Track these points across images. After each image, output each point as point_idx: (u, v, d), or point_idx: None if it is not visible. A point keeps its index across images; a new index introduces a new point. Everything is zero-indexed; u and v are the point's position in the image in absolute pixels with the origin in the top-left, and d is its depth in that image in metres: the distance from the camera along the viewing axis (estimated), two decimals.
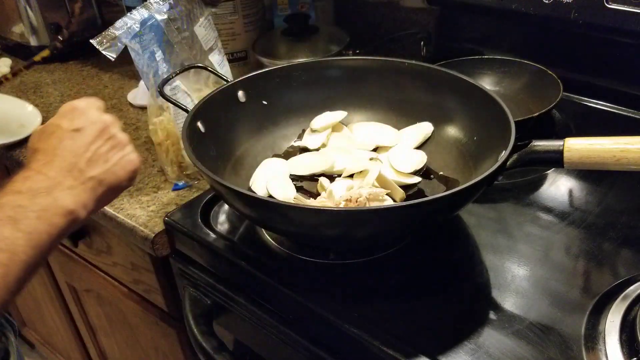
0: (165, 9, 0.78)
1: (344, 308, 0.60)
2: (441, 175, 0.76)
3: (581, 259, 0.66)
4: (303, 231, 0.65)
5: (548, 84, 0.91)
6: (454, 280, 0.65)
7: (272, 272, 0.66)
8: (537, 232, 0.70)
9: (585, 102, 0.97)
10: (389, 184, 0.71)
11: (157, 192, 0.84)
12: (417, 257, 0.68)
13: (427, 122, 0.82)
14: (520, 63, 0.97)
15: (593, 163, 0.59)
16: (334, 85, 0.85)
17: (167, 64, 0.79)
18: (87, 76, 1.25)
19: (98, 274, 1.05)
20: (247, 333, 0.74)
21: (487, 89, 0.74)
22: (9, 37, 1.37)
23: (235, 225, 0.74)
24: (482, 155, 0.71)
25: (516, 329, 0.57)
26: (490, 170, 0.59)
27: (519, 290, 0.62)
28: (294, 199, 0.72)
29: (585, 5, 0.87)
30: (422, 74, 0.81)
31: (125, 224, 0.79)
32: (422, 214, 0.61)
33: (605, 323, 0.56)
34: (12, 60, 1.33)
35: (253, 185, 0.75)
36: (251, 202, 0.62)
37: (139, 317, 1.03)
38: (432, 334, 0.58)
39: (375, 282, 0.65)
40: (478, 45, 1.06)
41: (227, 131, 0.79)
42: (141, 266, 0.90)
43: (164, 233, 0.77)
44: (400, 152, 0.78)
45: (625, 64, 0.92)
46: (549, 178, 0.80)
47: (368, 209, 0.63)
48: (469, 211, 0.73)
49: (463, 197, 0.62)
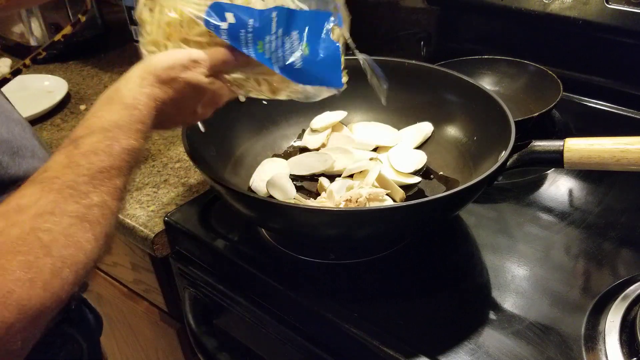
0: None
1: (344, 308, 0.60)
2: (441, 175, 0.76)
3: (581, 259, 0.66)
4: (303, 231, 0.65)
5: (548, 84, 0.91)
6: (454, 280, 0.65)
7: (272, 272, 0.66)
8: (537, 232, 0.70)
9: (585, 102, 0.97)
10: (389, 184, 0.71)
11: (157, 192, 0.84)
12: (417, 257, 0.68)
13: (427, 122, 0.82)
14: (520, 63, 0.97)
15: (593, 163, 0.59)
16: None
17: None
18: (87, 76, 1.25)
19: (98, 274, 1.05)
20: (247, 333, 0.74)
21: (487, 89, 0.74)
22: (9, 37, 1.37)
23: (235, 225, 0.74)
24: (482, 155, 0.71)
25: (516, 329, 0.57)
26: (490, 171, 0.59)
27: (519, 290, 0.62)
28: (294, 199, 0.72)
29: (585, 5, 0.87)
30: (422, 74, 0.82)
31: (125, 224, 0.79)
32: (422, 214, 0.61)
33: (605, 323, 0.56)
34: (12, 60, 1.33)
35: (253, 185, 0.75)
36: (251, 203, 0.62)
37: (139, 317, 1.03)
38: (432, 334, 0.58)
39: (375, 282, 0.65)
40: (478, 45, 1.06)
41: (227, 131, 0.79)
42: (141, 266, 0.90)
43: (164, 233, 0.77)
44: (400, 152, 0.78)
45: (625, 64, 0.92)
46: (549, 178, 0.80)
47: (368, 209, 0.63)
48: (469, 211, 0.73)
49: (463, 197, 0.62)
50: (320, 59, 0.60)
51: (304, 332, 0.65)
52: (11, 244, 0.42)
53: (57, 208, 0.44)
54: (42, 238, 0.43)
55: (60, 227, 0.44)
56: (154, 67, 0.54)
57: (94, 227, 0.46)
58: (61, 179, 0.46)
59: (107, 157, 0.48)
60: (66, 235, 0.44)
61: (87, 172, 0.47)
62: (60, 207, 0.45)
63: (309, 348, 0.65)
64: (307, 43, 0.59)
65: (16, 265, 0.41)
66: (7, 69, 1.29)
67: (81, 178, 0.46)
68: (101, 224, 0.47)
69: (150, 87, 0.53)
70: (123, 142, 0.50)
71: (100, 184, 0.47)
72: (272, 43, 0.57)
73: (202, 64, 0.56)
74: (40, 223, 0.43)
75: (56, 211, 0.44)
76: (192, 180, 0.86)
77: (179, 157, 0.92)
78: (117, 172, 0.49)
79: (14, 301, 0.40)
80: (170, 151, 0.94)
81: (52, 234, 0.43)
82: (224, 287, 0.73)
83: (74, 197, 0.46)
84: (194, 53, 0.56)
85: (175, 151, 0.94)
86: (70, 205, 0.45)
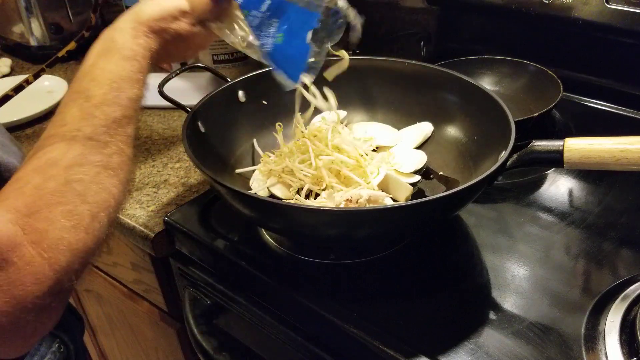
0: None
1: (344, 308, 0.60)
2: (441, 175, 0.76)
3: (581, 259, 0.66)
4: (303, 231, 0.65)
5: (548, 84, 0.91)
6: (454, 280, 0.65)
7: (272, 272, 0.66)
8: (537, 232, 0.70)
9: (585, 102, 0.97)
10: (396, 181, 0.71)
11: (157, 192, 0.84)
12: (417, 257, 0.68)
13: (427, 122, 0.82)
14: (520, 63, 0.97)
15: (593, 163, 0.59)
16: (334, 85, 0.85)
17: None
18: None
19: (98, 273, 1.05)
20: (247, 333, 0.74)
21: (487, 89, 0.74)
22: (9, 37, 1.37)
23: (235, 225, 0.74)
24: (482, 155, 0.71)
25: (516, 329, 0.57)
26: (490, 171, 0.59)
27: (519, 290, 0.62)
28: (294, 199, 0.72)
29: (585, 5, 0.87)
30: (422, 74, 0.82)
31: (125, 224, 0.79)
32: (422, 214, 0.61)
33: (605, 323, 0.56)
34: (12, 60, 1.33)
35: (253, 185, 0.75)
36: (251, 202, 0.62)
37: (139, 317, 1.03)
38: (432, 334, 0.58)
39: (375, 282, 0.65)
40: (478, 45, 1.06)
41: (227, 131, 0.79)
42: (141, 266, 0.89)
43: (164, 233, 0.77)
44: (400, 152, 0.78)
45: (625, 64, 0.92)
46: (549, 178, 0.80)
47: (368, 209, 0.63)
48: (469, 211, 0.73)
49: (463, 197, 0.62)
50: (288, 53, 0.64)
51: (304, 332, 0.65)
52: (51, 196, 0.45)
53: (84, 159, 0.48)
54: (77, 188, 0.47)
55: (89, 176, 0.48)
56: (145, 18, 0.57)
57: (117, 173, 0.50)
58: (82, 131, 0.49)
59: (117, 107, 0.52)
60: (96, 182, 0.48)
61: (103, 123, 0.51)
62: (87, 158, 0.49)
63: (309, 348, 0.65)
64: (283, 35, 0.62)
65: (59, 214, 0.45)
66: (7, 69, 1.29)
67: (99, 129, 0.50)
68: (123, 170, 0.51)
69: (145, 37, 0.57)
70: (129, 92, 0.53)
71: (115, 133, 0.51)
72: (255, 19, 0.61)
73: (190, 14, 0.60)
74: (72, 174, 0.47)
75: (84, 162, 0.48)
76: (192, 180, 0.86)
77: (179, 157, 0.92)
78: (127, 121, 0.53)
79: (65, 246, 0.44)
80: (170, 151, 0.94)
81: (84, 183, 0.47)
82: (224, 287, 0.73)
83: (96, 148, 0.50)
84: (181, 4, 0.60)
85: (175, 151, 0.94)
86: (95, 155, 0.49)
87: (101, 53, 0.55)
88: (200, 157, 0.64)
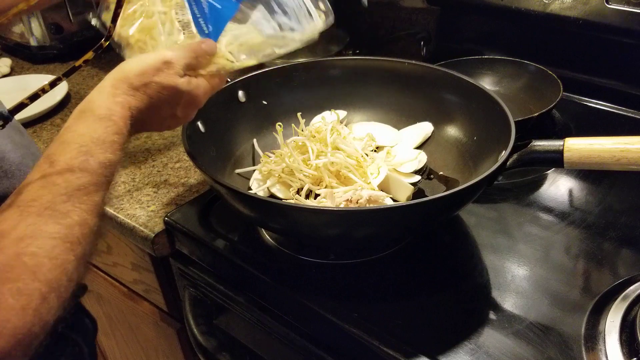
0: None
1: (344, 308, 0.60)
2: (441, 175, 0.76)
3: (581, 259, 0.66)
4: (303, 231, 0.65)
5: (548, 84, 0.91)
6: (454, 280, 0.65)
7: (272, 272, 0.66)
8: (537, 232, 0.70)
9: (585, 102, 0.97)
10: (396, 181, 0.71)
11: (157, 192, 0.84)
12: (417, 257, 0.68)
13: (427, 122, 0.82)
14: (520, 63, 0.97)
15: (593, 163, 0.59)
16: (334, 85, 0.85)
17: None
18: (87, 76, 1.25)
19: (98, 273, 1.05)
20: (247, 333, 0.74)
21: (487, 89, 0.74)
22: (9, 37, 1.37)
23: (235, 225, 0.74)
24: (482, 155, 0.71)
25: (516, 329, 0.57)
26: (490, 170, 0.59)
27: (519, 290, 0.62)
28: (294, 199, 0.72)
29: (585, 5, 0.87)
30: (422, 74, 0.82)
31: (125, 224, 0.79)
32: (422, 214, 0.61)
33: (605, 323, 0.56)
34: (12, 60, 1.33)
35: (253, 185, 0.75)
36: (251, 202, 0.62)
37: (139, 317, 1.03)
38: (432, 334, 0.58)
39: (375, 282, 0.65)
40: (478, 45, 1.06)
41: (227, 131, 0.79)
42: (141, 266, 0.89)
43: (164, 233, 0.77)
44: (401, 152, 0.78)
45: (625, 64, 0.92)
46: (549, 178, 0.80)
47: (368, 209, 0.63)
48: (469, 211, 0.73)
49: (463, 197, 0.62)
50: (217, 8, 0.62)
51: (304, 332, 0.65)
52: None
53: (38, 231, 0.43)
54: (28, 262, 0.42)
55: (44, 250, 0.43)
56: (125, 75, 0.53)
57: (75, 248, 0.45)
58: (38, 200, 0.45)
59: (83, 173, 0.47)
60: (51, 257, 0.43)
61: (64, 192, 0.46)
62: (41, 230, 0.43)
63: (309, 348, 0.65)
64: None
65: (7, 292, 0.40)
66: (7, 69, 1.29)
67: (59, 198, 0.45)
68: (81, 244, 0.46)
69: (124, 95, 0.52)
70: (99, 156, 0.48)
71: (79, 202, 0.46)
72: None
73: (175, 64, 0.55)
74: (23, 247, 0.42)
75: (37, 234, 0.43)
76: (192, 180, 0.86)
77: (179, 157, 0.92)
78: (95, 188, 0.48)
79: (10, 330, 0.39)
80: (170, 151, 0.94)
81: (37, 257, 0.42)
82: (224, 287, 0.73)
83: (54, 218, 0.44)
84: (167, 54, 0.55)
85: (175, 151, 0.94)
86: (51, 226, 0.44)
87: (77, 115, 0.51)
88: (200, 158, 0.64)
